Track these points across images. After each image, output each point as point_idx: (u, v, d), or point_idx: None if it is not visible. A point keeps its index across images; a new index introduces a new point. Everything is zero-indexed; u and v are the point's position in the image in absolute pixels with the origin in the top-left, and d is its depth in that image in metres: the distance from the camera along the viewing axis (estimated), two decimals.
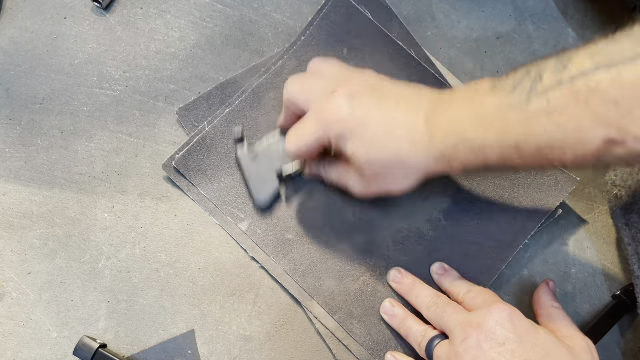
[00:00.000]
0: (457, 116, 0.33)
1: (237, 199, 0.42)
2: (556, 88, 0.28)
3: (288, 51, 0.45)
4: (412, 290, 0.40)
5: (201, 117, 0.44)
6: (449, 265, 0.41)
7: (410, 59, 0.46)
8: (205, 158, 0.43)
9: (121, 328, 0.41)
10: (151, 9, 0.47)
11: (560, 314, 0.37)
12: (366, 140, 0.34)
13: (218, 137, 0.43)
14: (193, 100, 0.45)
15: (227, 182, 0.43)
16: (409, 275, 0.41)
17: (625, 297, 0.42)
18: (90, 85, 0.45)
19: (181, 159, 0.42)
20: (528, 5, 0.50)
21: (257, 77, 0.45)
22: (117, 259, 0.42)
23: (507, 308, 0.33)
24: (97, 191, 0.43)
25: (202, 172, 0.43)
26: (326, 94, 0.35)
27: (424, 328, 0.37)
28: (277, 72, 0.45)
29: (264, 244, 0.42)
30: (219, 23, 0.47)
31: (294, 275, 0.41)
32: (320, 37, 0.46)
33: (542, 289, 0.40)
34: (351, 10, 0.46)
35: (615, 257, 0.45)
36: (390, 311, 0.40)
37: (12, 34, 0.46)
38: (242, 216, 0.42)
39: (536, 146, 0.30)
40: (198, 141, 0.43)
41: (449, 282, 0.40)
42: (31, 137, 0.44)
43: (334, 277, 0.41)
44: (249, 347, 0.41)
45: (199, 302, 0.41)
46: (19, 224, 0.42)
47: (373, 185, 0.37)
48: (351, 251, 0.42)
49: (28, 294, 0.41)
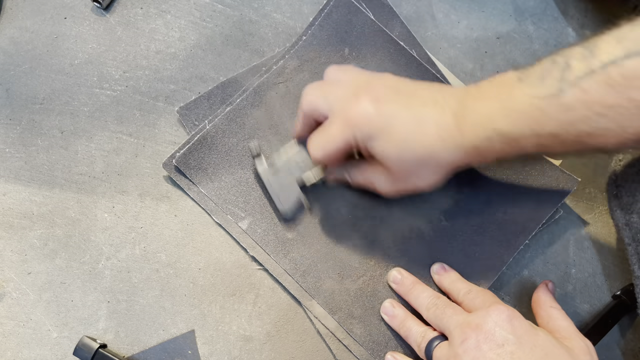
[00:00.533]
0: (487, 110, 0.33)
1: (237, 198, 0.42)
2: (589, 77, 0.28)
3: (289, 50, 0.45)
4: (412, 290, 0.40)
5: (202, 116, 0.44)
6: (449, 266, 0.41)
7: (412, 58, 0.46)
8: (205, 156, 0.43)
9: (121, 328, 0.41)
10: (151, 9, 0.47)
11: (559, 315, 0.37)
12: (395, 138, 0.34)
13: (219, 135, 0.43)
14: (194, 99, 0.45)
15: (228, 181, 0.43)
16: (409, 275, 0.41)
17: (625, 297, 0.42)
18: (90, 85, 0.45)
19: (182, 157, 0.42)
20: (528, 5, 0.50)
21: (258, 76, 0.45)
22: (117, 259, 0.42)
23: (506, 309, 0.33)
24: (97, 191, 0.43)
25: (203, 170, 0.43)
26: (349, 98, 0.35)
27: (424, 329, 0.37)
28: (278, 72, 0.45)
29: (264, 243, 0.42)
30: (219, 23, 0.47)
31: (294, 275, 0.41)
32: (321, 36, 0.46)
33: (541, 289, 0.40)
34: (352, 9, 0.46)
35: (615, 257, 0.45)
36: (390, 312, 0.40)
37: (12, 34, 0.46)
38: (243, 215, 0.42)
39: (576, 134, 0.30)
40: (199, 139, 0.43)
41: (448, 282, 0.40)
42: (31, 137, 0.44)
43: (334, 277, 0.41)
44: (249, 347, 0.41)
45: (199, 302, 0.41)
46: (19, 224, 0.42)
47: (401, 183, 0.37)
48: (351, 251, 0.42)
49: (28, 294, 0.41)
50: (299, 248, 0.42)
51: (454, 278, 0.40)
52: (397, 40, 0.46)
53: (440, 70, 0.46)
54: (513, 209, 0.43)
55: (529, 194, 0.43)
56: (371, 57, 0.46)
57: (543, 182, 0.43)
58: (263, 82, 0.44)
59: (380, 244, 0.42)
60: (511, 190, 0.43)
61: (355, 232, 0.42)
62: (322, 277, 0.41)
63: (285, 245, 0.42)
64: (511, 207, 0.43)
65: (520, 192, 0.43)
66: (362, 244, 0.42)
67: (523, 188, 0.43)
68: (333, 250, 0.42)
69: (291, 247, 0.42)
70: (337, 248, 0.42)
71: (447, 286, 0.40)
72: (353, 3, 0.46)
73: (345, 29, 0.46)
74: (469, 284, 0.39)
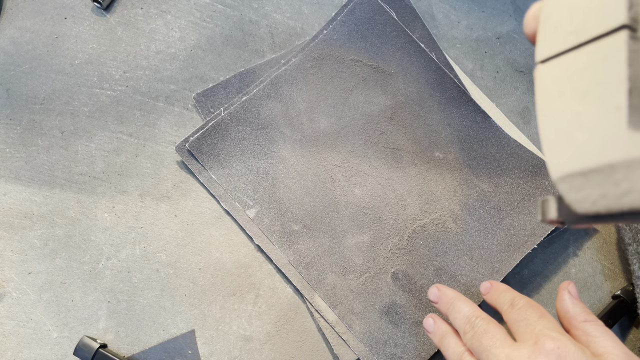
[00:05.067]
0: None
1: (246, 186, 0.43)
2: None
3: (309, 44, 0.45)
4: (450, 309, 0.35)
5: (217, 104, 0.45)
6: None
7: (431, 61, 0.46)
8: (218, 143, 0.43)
9: (121, 328, 0.41)
10: (151, 9, 0.47)
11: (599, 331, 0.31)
12: None
13: (233, 123, 0.43)
14: (211, 87, 0.45)
15: (239, 168, 0.43)
16: (448, 290, 0.37)
17: (625, 297, 0.42)
18: (90, 85, 0.45)
19: (195, 142, 0.43)
20: (528, 5, 0.50)
21: (276, 68, 0.45)
22: (117, 259, 0.42)
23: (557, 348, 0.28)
24: (97, 191, 0.43)
25: (215, 156, 0.43)
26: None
27: (462, 350, 0.33)
28: (296, 65, 0.45)
29: (270, 233, 0.42)
30: (219, 23, 0.47)
31: (298, 267, 0.41)
32: (342, 32, 0.46)
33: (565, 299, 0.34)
34: (375, 8, 0.46)
35: (615, 257, 0.45)
36: (430, 328, 0.37)
37: (12, 34, 0.46)
38: (251, 203, 0.42)
39: None
40: (213, 125, 0.43)
41: (494, 298, 0.36)
42: (31, 137, 0.44)
43: (337, 271, 0.41)
44: (249, 347, 0.41)
45: (199, 302, 0.41)
46: (19, 224, 0.42)
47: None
48: (356, 247, 0.42)
49: (28, 294, 0.41)
50: (305, 240, 0.42)
51: (501, 290, 0.35)
52: (418, 42, 0.46)
53: (457, 75, 0.46)
54: (522, 215, 0.43)
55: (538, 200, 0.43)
56: (390, 57, 0.46)
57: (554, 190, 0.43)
58: (280, 74, 0.45)
59: (385, 243, 0.42)
60: (521, 196, 0.43)
61: (361, 230, 0.42)
62: (325, 270, 0.41)
63: (290, 236, 0.42)
64: (520, 213, 0.43)
65: (530, 199, 0.43)
66: (367, 242, 0.42)
67: (533, 194, 0.43)
68: (338, 245, 0.42)
69: (297, 239, 0.42)
70: (342, 243, 0.42)
71: (493, 303, 0.36)
72: (377, 1, 0.46)
73: (367, 27, 0.46)
74: (513, 292, 0.34)
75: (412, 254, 0.42)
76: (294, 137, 0.44)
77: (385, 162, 0.44)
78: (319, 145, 0.44)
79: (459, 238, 0.42)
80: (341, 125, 0.44)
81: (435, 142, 0.44)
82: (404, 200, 0.43)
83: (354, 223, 0.42)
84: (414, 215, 0.43)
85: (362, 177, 0.43)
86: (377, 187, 0.43)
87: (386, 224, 0.43)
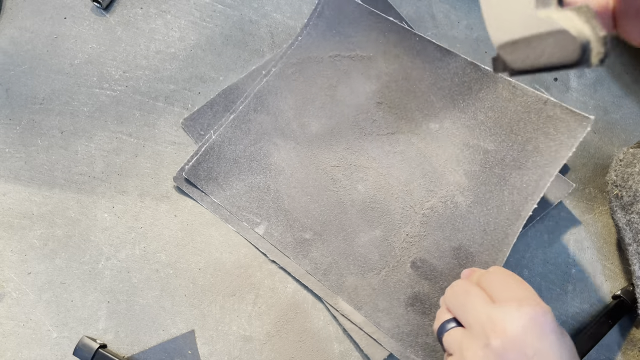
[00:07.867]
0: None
1: (250, 204, 0.42)
2: None
3: (286, 52, 0.46)
4: None
5: (206, 126, 0.44)
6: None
7: (404, 30, 0.45)
8: (215, 166, 0.43)
9: (121, 328, 0.41)
10: (151, 9, 0.47)
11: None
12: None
13: (225, 144, 0.43)
14: (197, 110, 0.45)
15: (239, 188, 0.43)
16: None
17: (625, 297, 0.42)
18: (90, 85, 0.45)
19: (191, 169, 0.43)
20: None
21: (258, 81, 0.45)
22: (117, 259, 0.42)
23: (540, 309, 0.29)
24: (97, 191, 0.43)
25: (213, 180, 0.43)
26: None
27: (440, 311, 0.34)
28: (277, 74, 0.45)
29: (283, 246, 0.42)
30: (219, 23, 0.47)
31: (316, 275, 0.41)
32: (316, 33, 0.46)
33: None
34: (343, 2, 0.46)
35: (615, 257, 0.45)
36: None
37: (12, 34, 0.46)
38: (258, 220, 0.42)
39: None
40: (206, 150, 0.43)
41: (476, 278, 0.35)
42: (31, 137, 0.44)
43: (355, 272, 0.41)
44: (249, 347, 0.41)
45: (199, 302, 0.41)
46: (19, 224, 0.42)
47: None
48: (370, 244, 0.42)
49: (28, 294, 0.41)
50: (318, 247, 0.42)
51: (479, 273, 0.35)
52: (386, 17, 0.45)
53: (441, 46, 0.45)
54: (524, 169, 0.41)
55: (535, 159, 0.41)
56: (365, 41, 0.46)
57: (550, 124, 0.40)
58: (263, 86, 0.45)
59: (398, 234, 0.42)
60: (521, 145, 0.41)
61: (372, 226, 0.42)
62: (344, 273, 0.41)
63: (303, 245, 0.42)
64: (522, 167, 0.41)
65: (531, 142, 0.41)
66: (380, 236, 0.42)
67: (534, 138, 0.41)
68: (352, 245, 0.42)
69: (310, 247, 0.42)
70: (355, 243, 0.42)
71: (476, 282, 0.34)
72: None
73: (337, 21, 0.46)
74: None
75: (426, 239, 0.41)
76: (287, 147, 0.44)
77: (383, 150, 0.43)
78: (314, 149, 0.44)
79: (470, 210, 0.41)
80: (332, 124, 0.44)
81: (428, 113, 0.44)
82: (408, 185, 0.42)
83: (363, 220, 0.42)
84: (421, 198, 0.42)
85: (362, 171, 0.43)
86: (379, 179, 0.43)
87: (395, 214, 0.42)
